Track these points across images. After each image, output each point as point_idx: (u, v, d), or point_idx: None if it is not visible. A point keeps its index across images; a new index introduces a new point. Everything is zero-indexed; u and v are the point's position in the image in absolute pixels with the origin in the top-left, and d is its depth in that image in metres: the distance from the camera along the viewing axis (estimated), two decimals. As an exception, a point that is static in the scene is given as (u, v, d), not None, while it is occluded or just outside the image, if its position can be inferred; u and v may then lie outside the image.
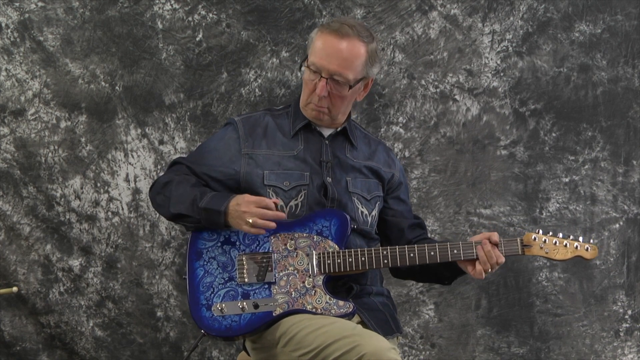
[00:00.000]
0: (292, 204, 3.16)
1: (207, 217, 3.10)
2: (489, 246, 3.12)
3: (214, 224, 3.11)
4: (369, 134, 3.44)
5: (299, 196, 3.18)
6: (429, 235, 3.45)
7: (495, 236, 3.13)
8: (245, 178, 3.19)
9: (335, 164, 3.26)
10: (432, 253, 3.12)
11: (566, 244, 3.15)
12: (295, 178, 3.19)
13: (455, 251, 3.12)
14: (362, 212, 3.24)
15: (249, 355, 3.28)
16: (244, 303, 3.08)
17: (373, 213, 3.28)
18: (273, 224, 3.04)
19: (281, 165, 3.20)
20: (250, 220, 3.02)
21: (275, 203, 3.07)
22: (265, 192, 3.17)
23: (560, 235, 3.17)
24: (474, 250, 3.12)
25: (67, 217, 4.54)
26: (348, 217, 3.15)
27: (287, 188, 3.17)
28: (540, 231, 3.16)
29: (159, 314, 4.60)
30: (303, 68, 3.19)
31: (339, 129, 3.29)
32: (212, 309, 3.09)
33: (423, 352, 4.76)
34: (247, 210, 3.03)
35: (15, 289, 4.09)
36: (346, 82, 3.16)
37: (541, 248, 3.14)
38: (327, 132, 3.29)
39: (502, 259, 3.12)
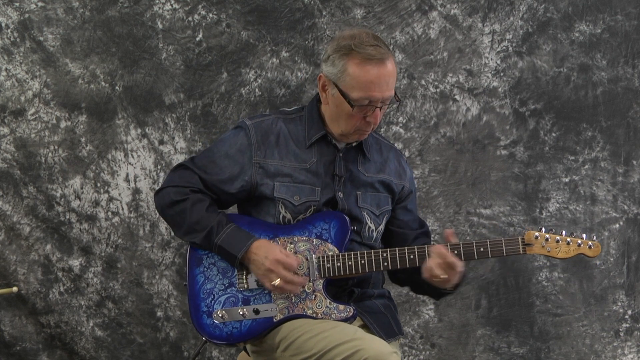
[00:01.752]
0: (299, 218, 3.13)
1: (221, 254, 3.10)
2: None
3: (227, 261, 3.11)
4: (381, 137, 3.36)
5: (308, 211, 3.13)
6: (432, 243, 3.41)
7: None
8: (256, 187, 3.15)
9: (347, 178, 3.19)
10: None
11: (569, 242, 3.10)
12: (306, 193, 3.14)
13: (455, 252, 3.09)
14: (369, 227, 3.20)
15: (249, 355, 3.28)
16: (245, 309, 3.07)
17: (380, 228, 3.25)
18: (298, 291, 3.06)
19: (292, 178, 3.14)
20: (277, 283, 3.03)
21: (298, 261, 3.08)
22: (274, 203, 3.14)
23: (563, 233, 3.12)
24: (474, 250, 3.10)
25: (67, 217, 4.54)
26: (347, 218, 3.13)
27: (297, 203, 3.13)
28: (543, 229, 3.10)
29: (159, 314, 4.61)
30: (354, 108, 3.04)
31: (353, 143, 3.21)
32: (213, 315, 3.08)
33: (423, 352, 4.77)
34: (275, 270, 3.03)
35: (15, 289, 4.10)
36: (391, 99, 3.09)
37: (543, 247, 3.09)
38: (341, 144, 3.21)
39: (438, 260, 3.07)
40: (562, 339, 4.83)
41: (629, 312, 4.86)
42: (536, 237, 3.09)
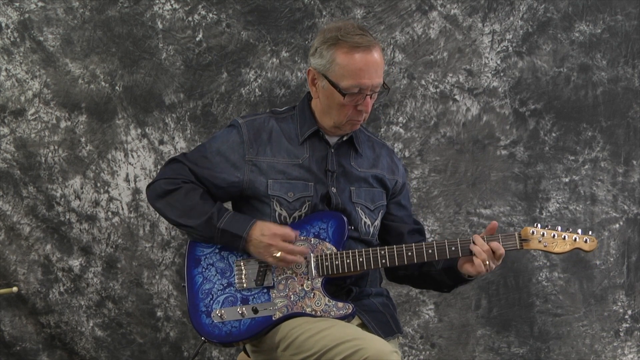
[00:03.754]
0: (295, 215, 3.14)
1: (223, 238, 3.10)
2: (478, 237, 3.11)
3: (228, 246, 3.12)
4: (372, 135, 3.39)
5: (303, 207, 3.15)
6: (427, 241, 3.41)
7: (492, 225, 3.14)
8: (249, 185, 3.16)
9: (340, 173, 3.21)
10: (430, 251, 3.11)
11: (564, 237, 3.13)
12: (300, 189, 3.16)
13: (452, 248, 3.11)
14: (365, 222, 3.22)
15: (248, 356, 3.28)
16: (243, 308, 3.08)
17: (376, 223, 3.26)
18: (301, 259, 3.07)
19: (285, 174, 3.16)
20: (278, 255, 3.04)
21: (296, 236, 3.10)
22: (268, 202, 3.15)
23: (559, 228, 3.15)
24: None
25: (67, 217, 4.54)
26: (345, 218, 3.14)
27: (291, 199, 3.14)
28: (539, 225, 3.13)
29: (159, 314, 4.61)
30: (345, 96, 3.08)
31: (345, 138, 3.24)
32: (212, 315, 3.08)
33: (423, 352, 4.77)
34: (274, 243, 3.04)
35: (15, 289, 4.10)
36: (380, 87, 3.12)
37: (539, 242, 3.13)
38: (333, 140, 3.24)
39: (486, 247, 3.10)
40: (562, 339, 4.83)
41: (629, 312, 4.86)
42: (532, 233, 3.13)
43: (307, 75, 3.18)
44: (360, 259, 3.09)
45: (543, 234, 3.12)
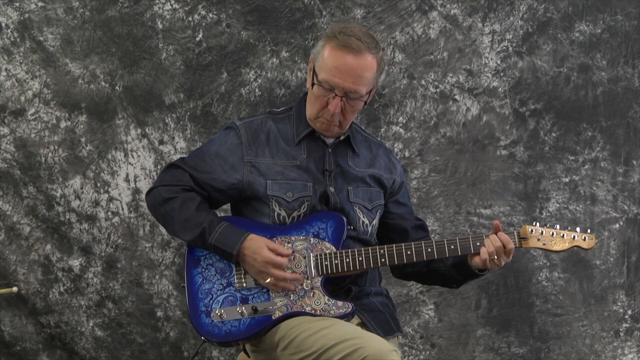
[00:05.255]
0: (294, 215, 3.15)
1: (217, 253, 3.12)
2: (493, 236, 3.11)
3: (225, 259, 3.13)
4: (369, 136, 3.40)
5: (302, 207, 3.15)
6: (431, 237, 3.41)
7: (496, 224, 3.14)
8: (248, 186, 3.17)
9: (338, 173, 3.23)
10: (430, 250, 3.11)
11: (563, 235, 3.14)
12: (299, 189, 3.16)
13: (452, 247, 3.11)
14: (363, 221, 3.23)
15: (248, 356, 3.28)
16: (243, 308, 3.08)
17: (374, 222, 3.27)
18: (292, 287, 3.08)
19: (284, 175, 3.17)
20: (269, 281, 3.06)
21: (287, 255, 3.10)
22: (268, 202, 3.15)
23: (557, 226, 3.16)
24: (471, 245, 3.11)
25: (67, 217, 4.54)
26: (344, 218, 3.14)
27: (290, 199, 3.15)
28: (537, 223, 3.15)
29: (159, 314, 4.61)
30: (314, 85, 3.12)
31: (342, 137, 3.25)
32: (212, 315, 3.08)
33: (423, 352, 4.77)
34: (265, 271, 3.06)
35: (15, 289, 4.09)
36: (360, 97, 3.13)
37: (538, 240, 3.13)
38: (329, 140, 3.25)
39: (498, 244, 3.09)
40: (562, 339, 4.83)
41: (629, 312, 4.86)
42: (531, 231, 3.14)
43: (309, 63, 3.22)
44: (360, 258, 3.09)
45: (542, 232, 3.14)
